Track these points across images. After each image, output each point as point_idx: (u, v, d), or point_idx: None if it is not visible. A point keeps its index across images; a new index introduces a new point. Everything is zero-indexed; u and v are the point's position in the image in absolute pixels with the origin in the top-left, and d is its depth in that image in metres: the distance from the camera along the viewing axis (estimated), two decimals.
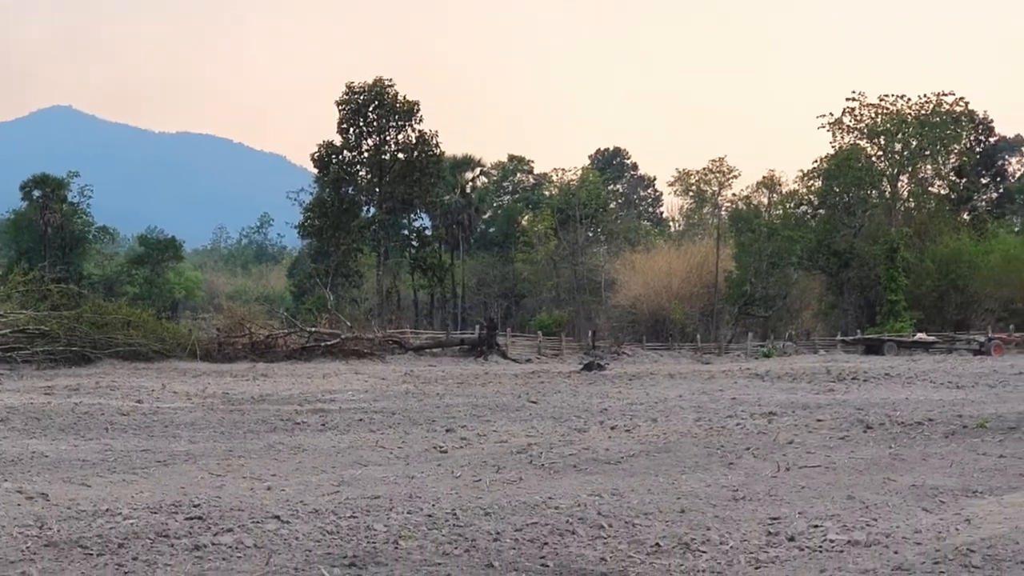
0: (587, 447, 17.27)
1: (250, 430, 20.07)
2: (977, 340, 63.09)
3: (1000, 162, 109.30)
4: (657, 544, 10.08)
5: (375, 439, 18.62)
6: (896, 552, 9.89)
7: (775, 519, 11.31)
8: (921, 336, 66.24)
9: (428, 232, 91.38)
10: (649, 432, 19.39)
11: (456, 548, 9.86)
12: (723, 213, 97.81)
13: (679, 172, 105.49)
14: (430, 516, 11.31)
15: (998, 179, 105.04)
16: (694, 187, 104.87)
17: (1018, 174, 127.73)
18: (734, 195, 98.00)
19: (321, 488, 13.20)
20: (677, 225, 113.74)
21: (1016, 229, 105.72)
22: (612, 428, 20.11)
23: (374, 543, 9.97)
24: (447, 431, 19.82)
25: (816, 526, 10.95)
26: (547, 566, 9.27)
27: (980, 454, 16.25)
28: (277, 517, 11.10)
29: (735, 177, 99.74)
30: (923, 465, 15.29)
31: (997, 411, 22.78)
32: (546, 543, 10.10)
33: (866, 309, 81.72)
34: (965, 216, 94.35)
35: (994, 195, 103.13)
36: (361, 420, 21.94)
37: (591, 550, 9.87)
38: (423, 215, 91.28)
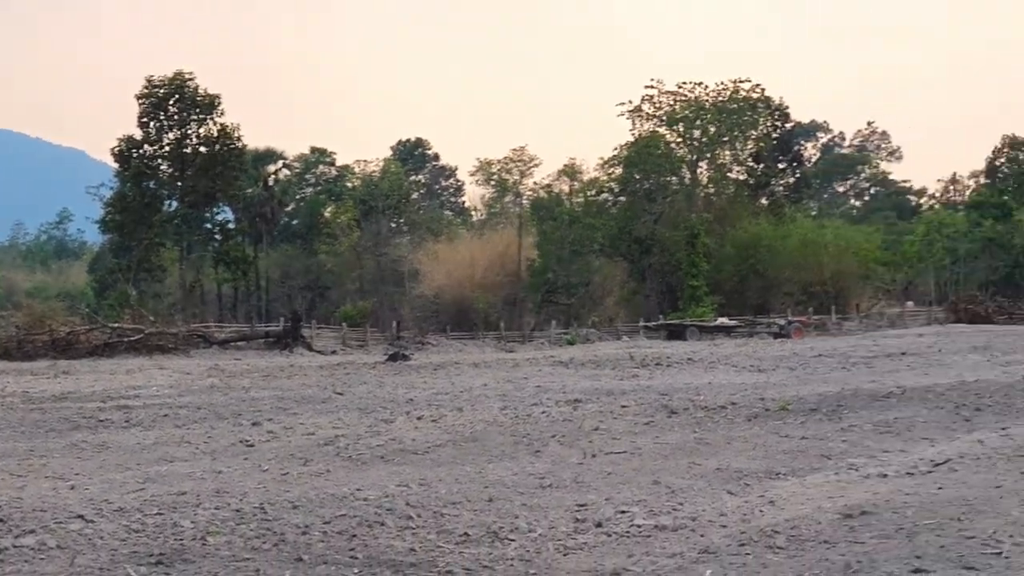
0: (394, 438, 17.24)
1: (52, 429, 19.65)
2: (777, 323, 64.34)
3: (796, 147, 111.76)
4: (466, 533, 10.09)
5: (180, 435, 18.37)
6: (702, 535, 9.99)
7: (582, 506, 11.36)
8: (723, 321, 67.32)
9: (231, 225, 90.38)
10: (455, 422, 19.40)
11: (265, 543, 9.76)
12: (525, 202, 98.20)
13: (480, 162, 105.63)
14: (238, 511, 11.18)
15: (795, 164, 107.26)
16: (495, 176, 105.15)
17: (814, 159, 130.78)
18: (535, 184, 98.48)
19: (126, 486, 12.96)
20: (479, 215, 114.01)
21: (813, 213, 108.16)
22: (418, 418, 20.10)
23: (181, 540, 9.80)
24: (253, 425, 19.67)
25: (623, 512, 11.01)
26: (356, 558, 9.22)
27: (783, 436, 16.56)
28: (81, 517, 10.86)
29: (536, 166, 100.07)
30: (727, 449, 15.51)
31: (798, 393, 23.21)
32: (355, 535, 10.05)
33: (668, 295, 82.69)
34: (764, 201, 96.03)
35: (791, 180, 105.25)
36: (166, 416, 21.64)
37: (400, 541, 9.84)
38: (226, 208, 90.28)
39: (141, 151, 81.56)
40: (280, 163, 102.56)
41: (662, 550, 9.44)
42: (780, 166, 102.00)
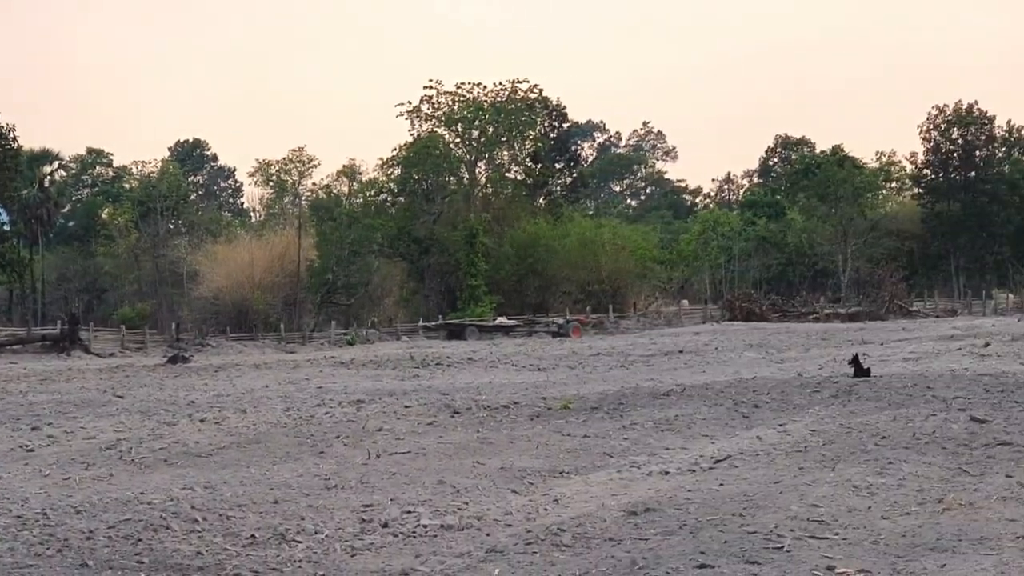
0: (177, 440, 17.03)
1: None
2: (556, 323, 64.87)
3: (574, 147, 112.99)
4: (252, 536, 10.04)
5: None
6: (489, 534, 10.06)
7: (368, 506, 11.39)
8: (502, 320, 67.64)
9: (6, 228, 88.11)
10: (239, 424, 19.17)
11: (48, 548, 9.56)
12: (304, 203, 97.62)
13: (259, 162, 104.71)
14: (19, 517, 10.93)
15: (572, 164, 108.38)
16: (274, 177, 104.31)
17: (590, 159, 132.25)
18: (315, 184, 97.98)
19: None
20: (258, 216, 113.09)
21: (591, 213, 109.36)
22: (201, 421, 19.82)
23: None
24: (33, 429, 19.17)
25: (409, 512, 11.07)
26: (143, 563, 9.08)
27: (565, 435, 16.71)
28: None
29: (315, 167, 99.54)
30: (511, 448, 15.63)
31: (579, 392, 23.47)
32: (140, 539, 9.90)
33: (447, 295, 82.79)
34: (542, 201, 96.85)
35: (569, 180, 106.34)
36: None
37: (187, 544, 9.73)
38: (0, 210, 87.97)
39: None
40: (56, 164, 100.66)
41: (449, 550, 9.50)
42: (558, 166, 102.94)
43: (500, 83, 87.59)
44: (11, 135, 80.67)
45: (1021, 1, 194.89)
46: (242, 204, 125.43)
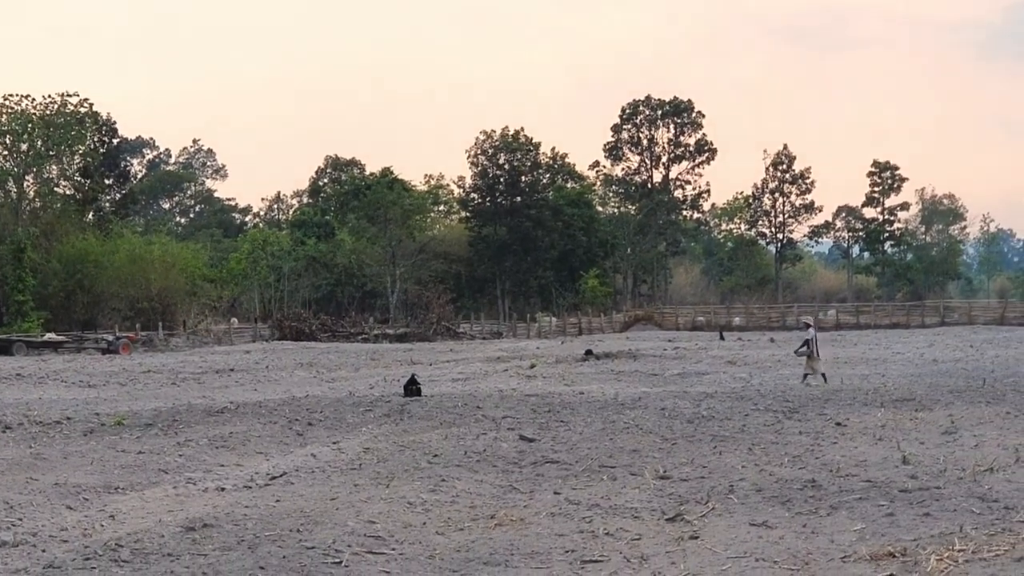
0: None
1: None
2: (106, 339, 63.91)
3: (123, 163, 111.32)
4: None
5: None
6: (44, 551, 10.28)
7: None
8: (50, 336, 66.19)
9: None
10: None
11: None
12: None
13: None
14: None
15: (122, 180, 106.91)
16: None
17: (140, 175, 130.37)
18: None
19: None
20: None
21: (140, 230, 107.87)
22: None
23: None
24: None
25: None
26: None
27: (120, 451, 16.95)
28: None
29: None
30: (65, 463, 15.76)
31: (132, 408, 23.63)
32: None
33: None
34: (91, 216, 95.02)
35: (118, 196, 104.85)
36: None
37: None
38: None
39: None
40: None
41: (4, 566, 9.62)
42: (108, 182, 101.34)
43: (50, 96, 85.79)
44: None
45: (567, 35, 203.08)
46: None
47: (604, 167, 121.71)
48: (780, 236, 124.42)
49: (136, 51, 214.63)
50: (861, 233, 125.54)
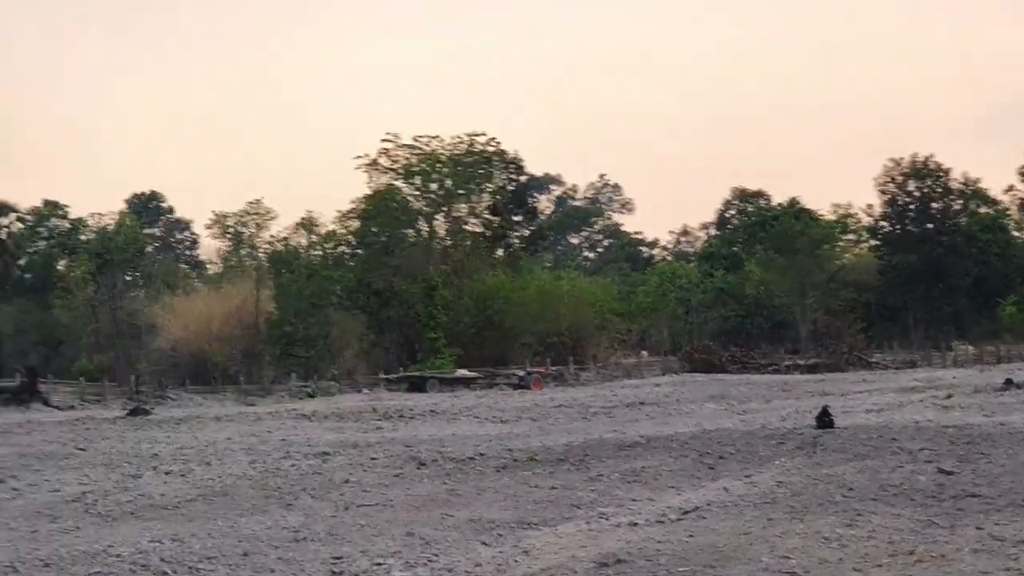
0: (143, 493, 16.85)
1: None
2: (517, 375, 64.65)
3: (531, 200, 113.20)
4: None
5: None
6: None
7: (338, 558, 11.32)
8: (463, 372, 67.39)
9: None
10: (204, 476, 18.99)
11: None
12: (261, 255, 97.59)
13: (216, 215, 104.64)
14: None
15: (530, 217, 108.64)
16: (231, 229, 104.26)
17: (548, 211, 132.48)
18: (272, 236, 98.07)
19: None
20: (215, 268, 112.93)
21: (549, 265, 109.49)
22: (166, 473, 19.61)
23: None
24: None
25: (379, 563, 11.01)
26: None
27: (532, 486, 16.58)
28: None
29: (272, 219, 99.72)
30: (478, 499, 15.52)
31: (543, 444, 23.30)
32: None
33: (407, 347, 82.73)
34: (500, 253, 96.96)
35: (527, 232, 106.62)
36: None
37: None
38: None
39: None
40: (12, 216, 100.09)
41: None
42: (516, 219, 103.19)
43: (457, 136, 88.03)
44: None
45: (968, 56, 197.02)
46: (198, 257, 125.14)
47: (1020, 190, 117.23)
48: None
49: (539, 89, 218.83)
50: None
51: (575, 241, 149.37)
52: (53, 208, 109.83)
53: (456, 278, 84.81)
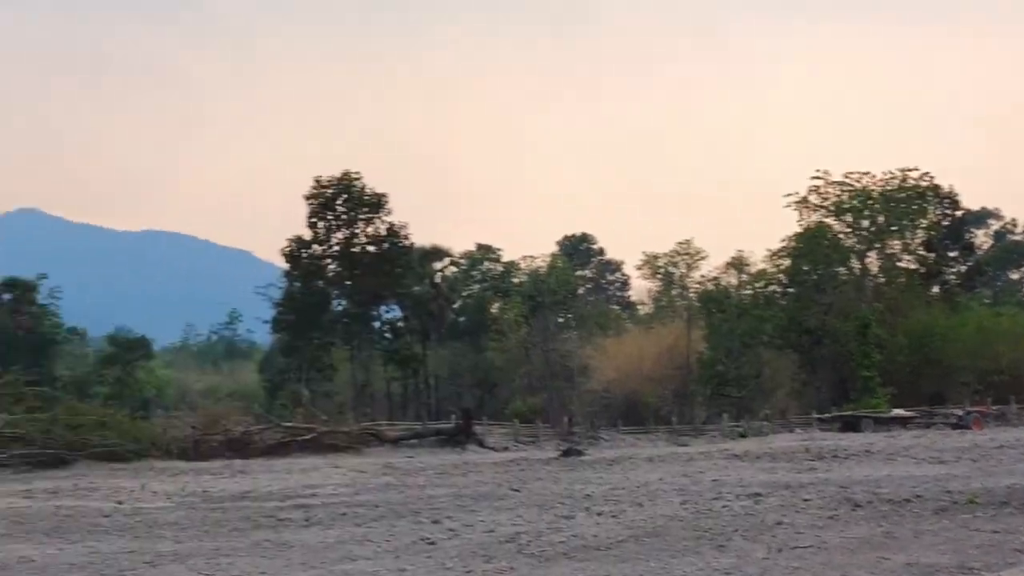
0: (575, 534, 17.13)
1: (234, 528, 19.74)
2: (955, 414, 63.03)
3: (968, 235, 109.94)
4: None
5: (361, 533, 18.36)
6: None
7: None
8: (898, 412, 66.11)
9: (399, 324, 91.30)
10: (636, 517, 19.23)
11: None
12: (692, 295, 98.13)
13: (646, 255, 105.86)
14: None
15: (966, 252, 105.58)
16: (662, 270, 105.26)
17: (985, 246, 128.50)
18: (702, 276, 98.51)
19: None
20: (646, 308, 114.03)
21: (987, 301, 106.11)
22: (598, 514, 19.89)
23: None
24: (433, 522, 19.52)
25: None
26: None
27: (973, 530, 16.16)
28: None
29: (703, 258, 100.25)
30: (916, 543, 15.22)
31: (984, 485, 22.70)
32: None
33: (839, 386, 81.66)
34: (936, 290, 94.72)
35: (963, 268, 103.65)
36: (344, 514, 21.62)
37: None
38: (394, 307, 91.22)
39: (310, 251, 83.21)
40: (447, 260, 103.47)
41: None
42: (951, 254, 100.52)
43: (889, 171, 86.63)
44: (403, 232, 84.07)
45: None
46: (629, 297, 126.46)
47: None
48: None
49: (976, 122, 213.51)
50: None
51: (1015, 277, 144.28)
52: (486, 252, 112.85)
53: (890, 315, 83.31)
